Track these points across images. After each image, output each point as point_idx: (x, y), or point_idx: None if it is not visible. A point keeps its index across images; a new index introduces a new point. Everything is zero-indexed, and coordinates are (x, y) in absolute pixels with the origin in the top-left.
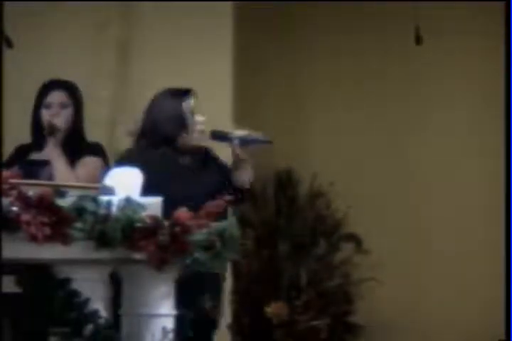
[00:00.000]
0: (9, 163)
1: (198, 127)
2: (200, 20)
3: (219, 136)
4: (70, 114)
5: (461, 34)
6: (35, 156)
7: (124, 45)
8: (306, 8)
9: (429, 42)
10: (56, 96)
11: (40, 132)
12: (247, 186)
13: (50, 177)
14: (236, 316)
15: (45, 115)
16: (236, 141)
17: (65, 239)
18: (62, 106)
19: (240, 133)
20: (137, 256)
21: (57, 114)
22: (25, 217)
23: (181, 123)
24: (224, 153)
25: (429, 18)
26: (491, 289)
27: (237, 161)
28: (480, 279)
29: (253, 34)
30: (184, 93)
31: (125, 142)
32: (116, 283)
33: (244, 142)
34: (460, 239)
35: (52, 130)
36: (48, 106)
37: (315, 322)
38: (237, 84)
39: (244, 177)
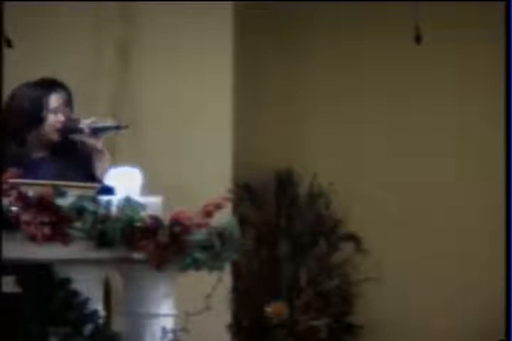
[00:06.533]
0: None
1: (56, 126)
2: (201, 20)
3: (69, 129)
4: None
5: (460, 34)
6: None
7: (124, 45)
8: (307, 8)
9: (429, 41)
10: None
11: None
12: (101, 178)
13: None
14: (236, 316)
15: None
16: (87, 131)
17: (65, 239)
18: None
19: (87, 122)
20: (137, 255)
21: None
22: (25, 216)
23: (35, 119)
24: None
25: (429, 18)
26: (491, 289)
27: (95, 152)
28: (480, 279)
29: (253, 34)
30: (51, 88)
31: (124, 142)
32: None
33: (96, 131)
34: (460, 239)
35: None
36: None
37: (314, 322)
38: (237, 83)
39: (100, 169)
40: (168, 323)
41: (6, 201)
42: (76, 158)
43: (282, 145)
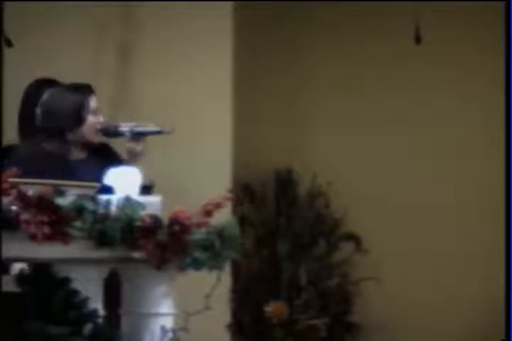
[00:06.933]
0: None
1: (96, 127)
2: (200, 20)
3: (109, 131)
4: None
5: (460, 34)
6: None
7: (124, 45)
8: (307, 8)
9: (429, 41)
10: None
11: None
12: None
13: None
14: (236, 315)
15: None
16: (127, 134)
17: (65, 238)
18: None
19: (129, 125)
20: (137, 255)
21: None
22: (25, 216)
23: (78, 117)
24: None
25: (430, 18)
26: (491, 289)
27: (131, 155)
28: (480, 279)
29: (253, 33)
30: (88, 90)
31: (124, 141)
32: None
33: (136, 134)
34: (460, 239)
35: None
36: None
37: (314, 322)
38: (237, 82)
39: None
40: (168, 322)
41: (5, 200)
42: (112, 161)
43: (282, 145)
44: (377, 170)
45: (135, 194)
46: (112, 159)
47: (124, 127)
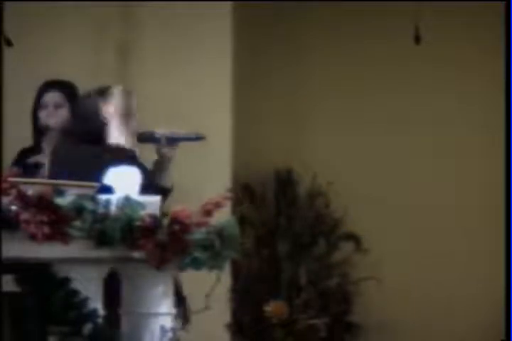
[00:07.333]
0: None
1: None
2: (200, 20)
3: (145, 137)
4: (66, 113)
5: (460, 34)
6: (33, 159)
7: (124, 45)
8: (307, 8)
9: (429, 41)
10: (50, 97)
11: (38, 134)
12: (170, 186)
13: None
14: (235, 315)
15: (41, 116)
16: (163, 140)
17: (64, 238)
18: (57, 106)
19: (166, 131)
20: (136, 254)
21: (51, 114)
22: (25, 215)
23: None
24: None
25: (429, 18)
26: (492, 289)
27: (162, 161)
28: (480, 279)
29: (253, 33)
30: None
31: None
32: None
33: (172, 140)
34: (460, 239)
35: (46, 130)
36: (44, 107)
37: (314, 321)
38: (237, 83)
39: (167, 176)
40: (168, 322)
41: (5, 200)
42: (138, 165)
43: (282, 145)
44: (377, 170)
45: (135, 194)
46: (137, 163)
47: (159, 133)
